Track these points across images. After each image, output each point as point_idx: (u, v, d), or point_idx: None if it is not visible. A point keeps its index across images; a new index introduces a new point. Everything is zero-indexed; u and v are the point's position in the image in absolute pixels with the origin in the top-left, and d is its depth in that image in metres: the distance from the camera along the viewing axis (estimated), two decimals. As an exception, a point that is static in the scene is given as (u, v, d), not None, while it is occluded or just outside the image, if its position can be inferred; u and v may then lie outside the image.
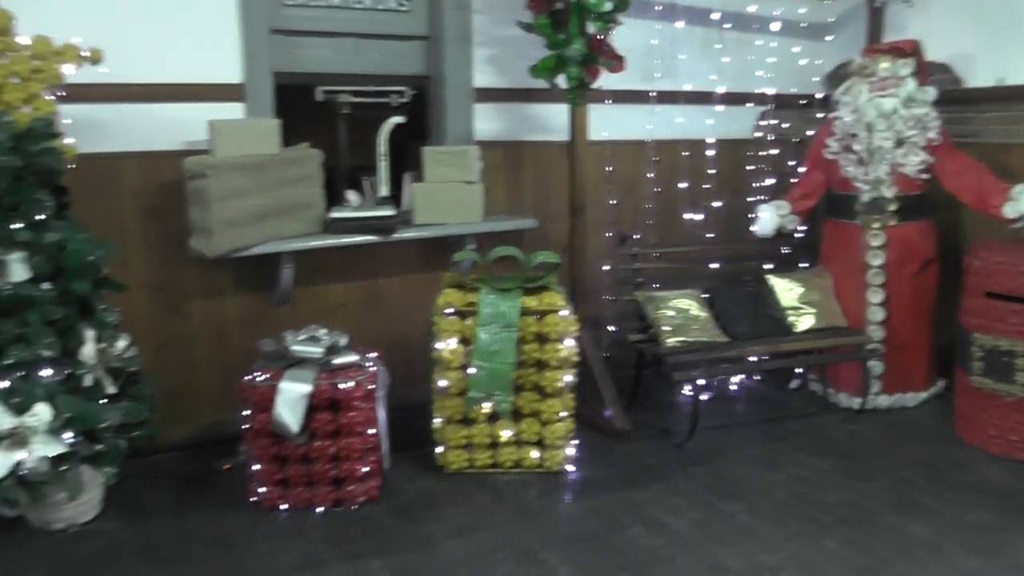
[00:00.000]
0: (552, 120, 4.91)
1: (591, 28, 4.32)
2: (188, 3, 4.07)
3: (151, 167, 4.11)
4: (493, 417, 3.94)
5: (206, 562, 3.32)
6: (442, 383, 3.86)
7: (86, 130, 3.83)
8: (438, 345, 3.85)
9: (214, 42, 4.13)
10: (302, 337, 3.76)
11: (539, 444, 3.97)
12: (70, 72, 3.61)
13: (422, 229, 4.41)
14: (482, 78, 4.81)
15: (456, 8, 4.65)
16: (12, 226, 3.38)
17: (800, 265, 5.16)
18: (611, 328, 5.17)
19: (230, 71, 4.18)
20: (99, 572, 3.29)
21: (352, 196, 4.42)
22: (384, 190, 4.39)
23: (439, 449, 3.99)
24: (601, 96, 4.71)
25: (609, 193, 5.16)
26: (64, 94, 3.67)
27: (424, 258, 4.72)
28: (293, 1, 4.40)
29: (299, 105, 4.37)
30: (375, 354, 3.90)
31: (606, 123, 4.92)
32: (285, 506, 3.66)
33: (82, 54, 3.61)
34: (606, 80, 4.54)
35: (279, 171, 4.04)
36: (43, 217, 3.44)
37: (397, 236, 4.28)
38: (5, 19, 3.47)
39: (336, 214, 4.22)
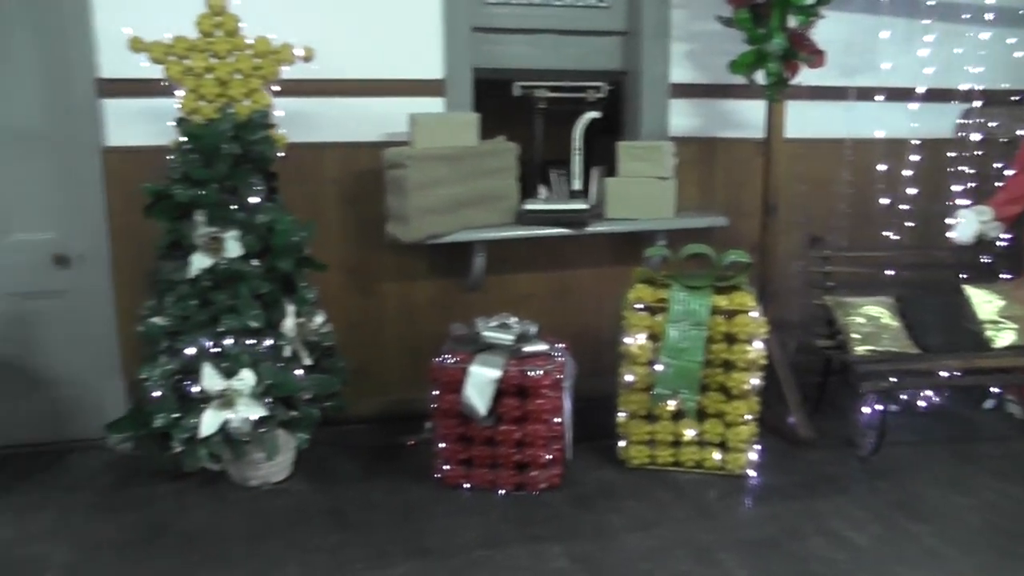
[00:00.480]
0: (747, 116, 4.83)
1: (793, 22, 4.24)
2: (394, 6, 4.31)
3: (351, 157, 4.35)
4: (677, 415, 3.93)
5: (388, 530, 3.49)
6: (628, 377, 3.89)
7: (295, 121, 4.10)
8: (626, 340, 3.87)
9: (417, 41, 4.35)
10: (493, 324, 3.87)
11: (722, 446, 3.93)
12: (285, 69, 3.91)
13: (613, 223, 4.44)
14: (678, 73, 4.80)
15: (656, 3, 4.66)
16: (231, 207, 3.67)
17: (1002, 276, 4.86)
18: (798, 332, 5.04)
19: (432, 68, 4.38)
20: (288, 527, 3.55)
21: (542, 189, 4.51)
22: (577, 184, 4.45)
23: (621, 443, 4.02)
24: (799, 93, 4.59)
25: (801, 192, 5.03)
26: (279, 89, 3.96)
27: (614, 252, 4.76)
28: (495, 0, 4.54)
29: (496, 100, 4.49)
30: (563, 345, 3.97)
31: (802, 120, 4.79)
32: (467, 485, 3.78)
33: (296, 53, 3.89)
34: (803, 76, 4.43)
35: (476, 163, 4.18)
36: (256, 200, 3.73)
37: (589, 230, 4.33)
38: (233, 22, 3.81)
39: (530, 206, 4.31)
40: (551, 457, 3.73)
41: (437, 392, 3.76)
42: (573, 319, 4.72)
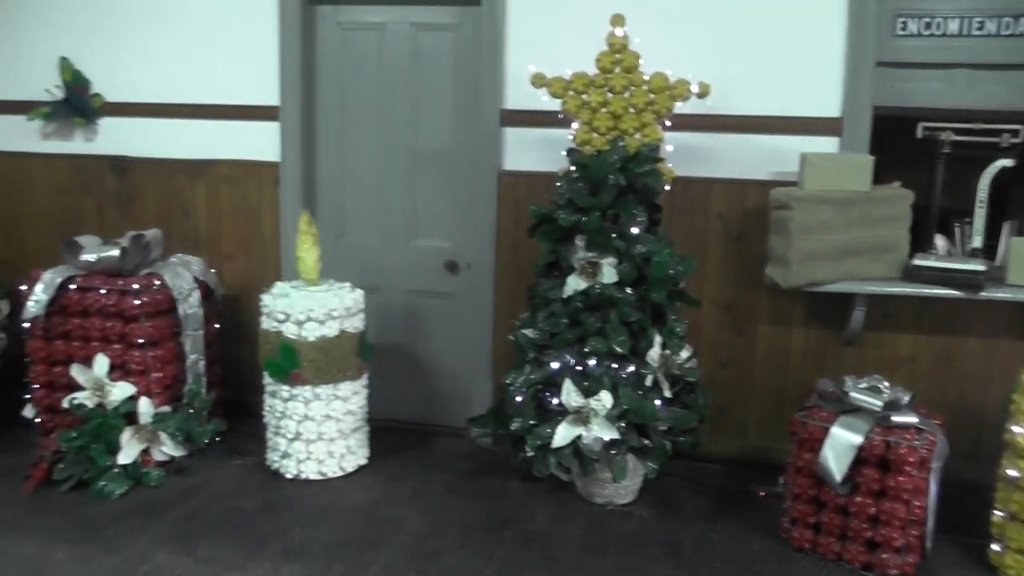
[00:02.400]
0: None
1: None
2: (794, 40, 4.23)
3: (738, 193, 4.36)
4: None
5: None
6: (1012, 472, 3.44)
7: (684, 156, 4.21)
8: (1014, 428, 3.45)
9: (815, 76, 4.23)
10: (863, 385, 3.68)
11: None
12: (679, 104, 4.01)
13: (1017, 291, 4.00)
14: None
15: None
16: (611, 235, 3.87)
17: None
18: None
19: (828, 105, 4.24)
20: (624, 549, 3.69)
21: (940, 242, 4.18)
22: (978, 240, 4.07)
23: (995, 547, 3.57)
24: None
25: None
26: (670, 123, 4.08)
27: (1012, 323, 4.27)
28: (906, 31, 4.28)
29: (894, 141, 4.25)
30: (937, 421, 3.66)
31: None
32: (812, 551, 3.64)
33: (692, 89, 3.97)
34: None
35: (866, 209, 3.98)
36: (636, 230, 3.88)
37: (984, 295, 3.96)
38: (633, 59, 3.98)
39: (920, 261, 4.02)
40: (907, 542, 3.46)
41: (795, 447, 3.67)
42: (953, 392, 4.32)
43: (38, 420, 4.54)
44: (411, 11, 4.70)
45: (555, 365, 3.96)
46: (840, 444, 3.49)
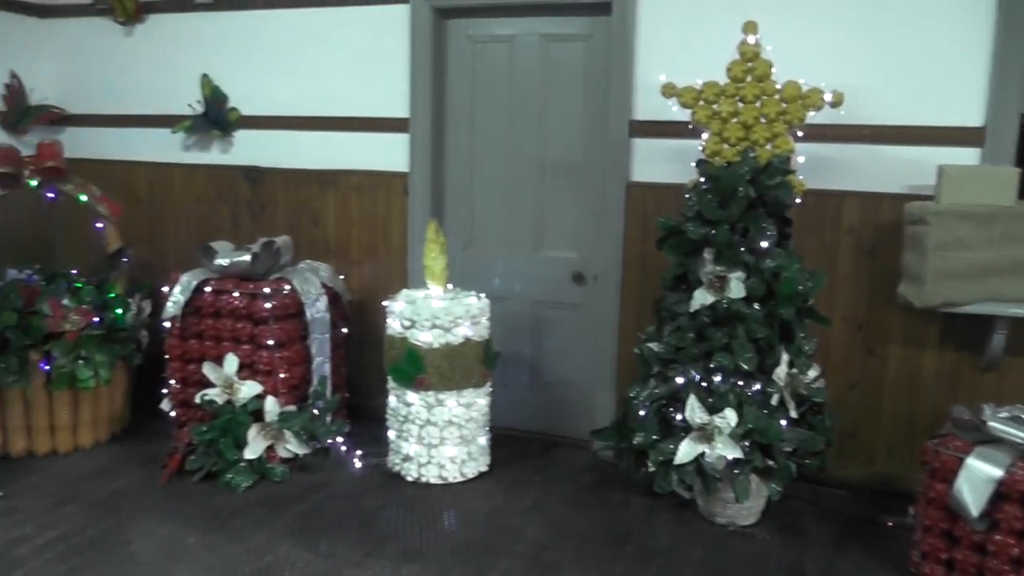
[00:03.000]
0: None
1: None
2: (935, 46, 4.07)
3: (871, 207, 4.24)
4: None
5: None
6: None
7: (815, 167, 4.13)
8: None
9: (956, 84, 4.06)
10: (1003, 415, 3.49)
11: None
12: (811, 114, 3.93)
13: None
14: None
15: None
16: (740, 249, 3.83)
17: None
18: None
19: (969, 113, 4.06)
20: (747, 572, 3.64)
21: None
22: None
23: None
24: None
25: None
26: (802, 134, 4.01)
27: None
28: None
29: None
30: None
31: None
32: (946, 586, 3.49)
33: (825, 98, 3.89)
34: None
35: (1010, 225, 3.81)
36: (766, 244, 3.83)
37: None
38: (765, 67, 3.94)
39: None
40: (1054, 585, 3.26)
41: (926, 477, 3.51)
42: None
43: (173, 414, 4.81)
44: (541, 22, 4.78)
45: (680, 380, 3.94)
46: (977, 477, 3.31)
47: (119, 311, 4.84)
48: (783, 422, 3.83)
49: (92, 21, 5.85)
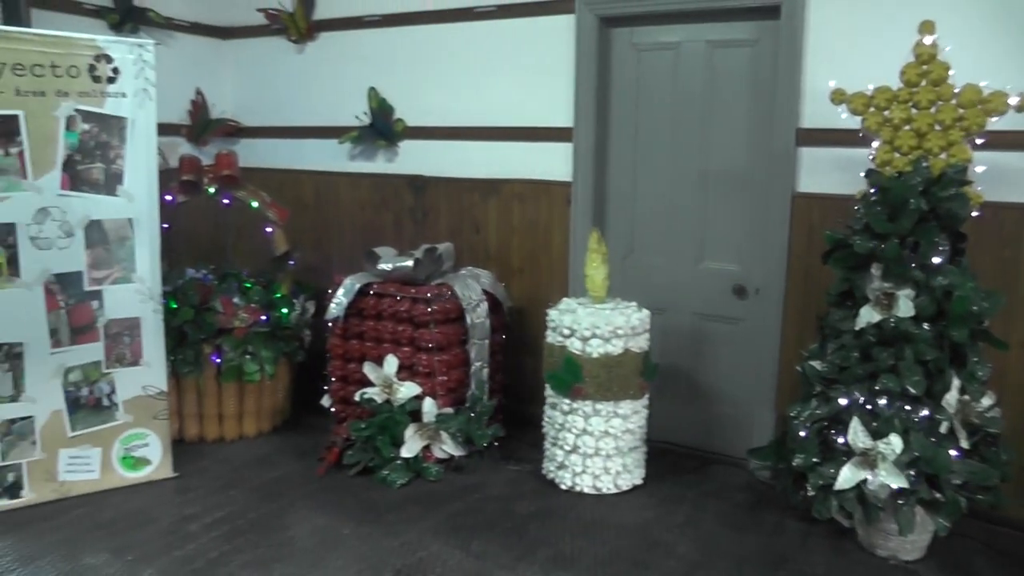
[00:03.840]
0: None
1: None
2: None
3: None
4: None
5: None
6: None
7: (995, 178, 3.90)
8: None
9: None
10: None
11: None
12: (993, 120, 3.71)
13: None
14: None
15: None
16: (909, 264, 3.70)
17: None
18: None
19: None
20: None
21: None
22: None
23: None
24: None
25: None
26: (981, 141, 3.78)
27: None
28: None
29: None
30: None
31: None
32: None
33: (1010, 102, 3.66)
34: None
35: None
36: (938, 260, 3.68)
37: None
38: (942, 70, 3.75)
39: None
40: None
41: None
42: None
43: (333, 409, 5.10)
44: (708, 29, 4.76)
45: (843, 401, 3.82)
46: None
47: (284, 310, 5.18)
48: (952, 452, 3.65)
49: (268, 41, 6.28)
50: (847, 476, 3.70)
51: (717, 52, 4.77)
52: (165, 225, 4.67)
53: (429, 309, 4.70)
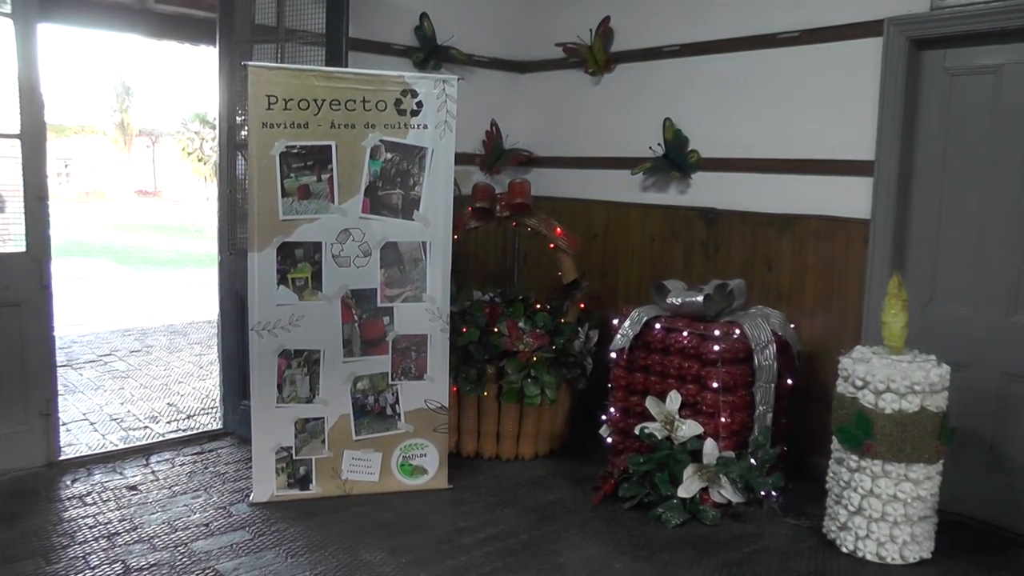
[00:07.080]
0: None
1: None
2: None
3: None
4: None
5: None
6: None
7: None
8: None
9: None
10: None
11: None
12: None
13: None
14: None
15: None
16: None
17: None
18: None
19: None
20: None
21: None
22: None
23: None
24: None
25: None
26: None
27: None
28: None
29: None
30: None
31: None
32: None
33: None
34: None
35: None
36: None
37: None
38: None
39: None
40: None
41: None
42: None
43: (610, 440, 5.19)
44: (1039, 49, 4.35)
45: None
46: None
47: (570, 338, 5.31)
48: None
49: (565, 73, 6.57)
50: None
51: (1049, 76, 4.36)
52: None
53: (717, 347, 4.68)
